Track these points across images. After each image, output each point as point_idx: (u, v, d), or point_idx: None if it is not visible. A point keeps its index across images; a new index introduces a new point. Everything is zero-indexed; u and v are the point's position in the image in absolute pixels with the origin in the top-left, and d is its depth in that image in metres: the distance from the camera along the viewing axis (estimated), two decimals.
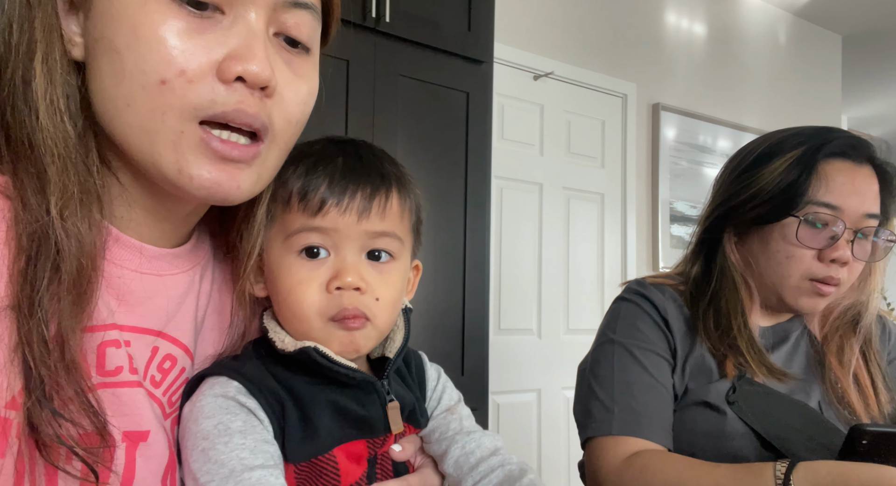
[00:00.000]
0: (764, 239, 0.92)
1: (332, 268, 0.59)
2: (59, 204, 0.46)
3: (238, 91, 0.49)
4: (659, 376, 0.91)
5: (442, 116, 1.71)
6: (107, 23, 0.47)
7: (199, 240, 0.64)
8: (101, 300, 0.51)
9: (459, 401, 0.72)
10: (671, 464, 0.82)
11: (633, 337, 0.94)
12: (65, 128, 0.48)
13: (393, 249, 0.62)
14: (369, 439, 0.63)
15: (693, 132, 3.23)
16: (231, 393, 0.56)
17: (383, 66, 1.60)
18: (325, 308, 0.59)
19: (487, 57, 1.78)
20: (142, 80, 0.47)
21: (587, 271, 2.84)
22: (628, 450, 0.86)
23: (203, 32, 0.48)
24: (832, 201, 0.87)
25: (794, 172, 0.89)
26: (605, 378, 0.92)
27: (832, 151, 0.89)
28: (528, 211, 2.67)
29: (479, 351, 1.74)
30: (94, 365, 0.52)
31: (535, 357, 2.65)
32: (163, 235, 0.58)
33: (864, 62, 4.22)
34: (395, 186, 0.62)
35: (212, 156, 0.49)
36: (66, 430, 0.45)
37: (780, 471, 0.73)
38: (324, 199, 0.58)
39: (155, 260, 0.57)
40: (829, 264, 0.87)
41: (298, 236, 0.59)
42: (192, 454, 0.54)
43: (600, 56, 2.91)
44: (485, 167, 1.77)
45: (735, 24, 3.47)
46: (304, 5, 0.53)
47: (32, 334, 0.44)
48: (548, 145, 2.73)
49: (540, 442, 2.65)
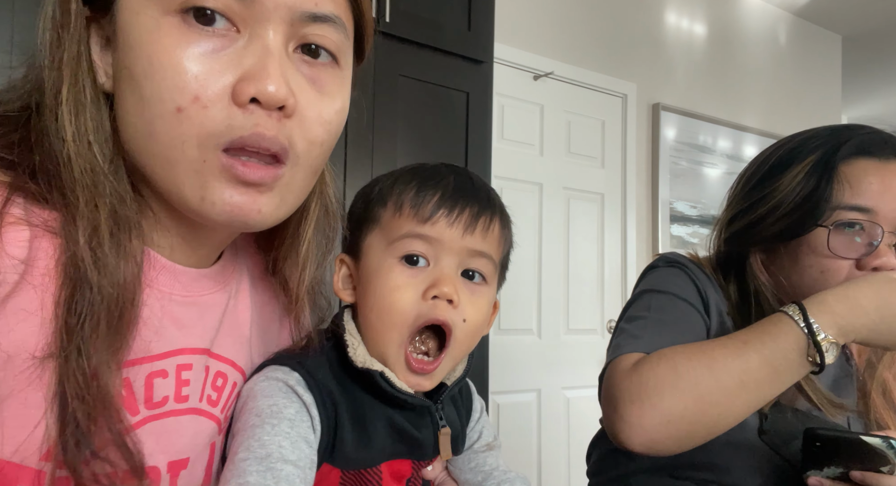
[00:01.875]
0: (793, 254, 0.83)
1: (430, 277, 0.60)
2: (86, 235, 0.45)
3: (255, 114, 0.47)
4: (696, 325, 0.83)
5: (442, 116, 1.71)
6: (126, 52, 0.47)
7: (230, 255, 0.63)
8: (153, 328, 0.51)
9: (496, 439, 0.74)
10: (692, 351, 0.72)
11: (672, 289, 0.86)
12: (93, 158, 0.47)
13: (487, 271, 0.64)
14: (416, 460, 0.64)
15: (693, 132, 3.23)
16: (291, 382, 0.58)
17: (383, 66, 1.60)
18: (417, 316, 0.60)
19: (487, 57, 1.77)
20: (160, 108, 0.46)
21: (587, 271, 2.84)
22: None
23: (217, 52, 0.46)
24: (863, 203, 0.79)
25: (812, 178, 0.81)
26: (637, 318, 0.83)
27: (851, 150, 0.81)
28: (528, 211, 2.67)
29: (479, 351, 1.73)
30: (142, 399, 0.51)
31: (535, 357, 2.65)
32: (200, 258, 0.58)
33: (864, 62, 4.22)
34: (499, 212, 0.65)
35: (233, 180, 0.48)
36: (103, 470, 0.45)
37: (795, 316, 0.70)
38: (436, 208, 0.60)
39: (197, 281, 0.57)
40: (871, 273, 0.78)
41: (403, 242, 0.61)
42: (242, 428, 0.55)
43: (600, 56, 2.90)
44: (485, 167, 1.77)
45: (735, 24, 3.47)
46: (325, 18, 0.50)
47: (72, 378, 0.44)
48: (548, 145, 2.73)
49: (540, 442, 2.65)
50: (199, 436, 0.56)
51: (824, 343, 0.68)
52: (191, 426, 0.55)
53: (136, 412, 0.51)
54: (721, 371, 0.70)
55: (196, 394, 0.56)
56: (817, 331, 0.69)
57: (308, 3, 0.49)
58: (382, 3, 1.55)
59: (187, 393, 0.55)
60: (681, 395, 0.69)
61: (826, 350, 0.68)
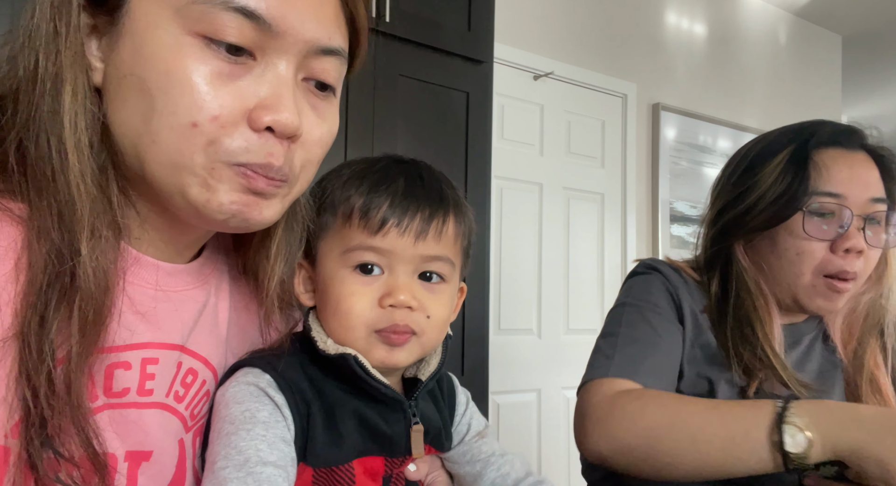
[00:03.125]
0: (772, 239, 0.89)
1: (384, 285, 0.60)
2: (68, 235, 0.46)
3: (268, 141, 0.49)
4: (666, 335, 0.88)
5: (442, 116, 1.71)
6: (137, 60, 0.47)
7: (210, 253, 0.64)
8: (121, 321, 0.51)
9: (487, 426, 0.74)
10: (666, 399, 0.78)
11: (645, 300, 0.92)
12: (83, 157, 0.47)
13: (444, 272, 0.63)
14: (388, 457, 0.63)
15: (693, 132, 3.23)
16: (262, 384, 0.58)
17: (383, 66, 1.60)
18: (375, 321, 0.60)
19: (487, 57, 1.77)
20: (171, 121, 0.46)
21: (587, 271, 2.84)
22: (622, 388, 0.82)
23: (235, 79, 0.48)
24: (833, 190, 0.85)
25: (790, 169, 0.87)
26: (611, 334, 0.90)
27: (822, 140, 0.88)
28: (528, 211, 2.67)
29: (479, 351, 1.74)
30: (101, 386, 0.52)
31: (535, 357, 2.65)
32: (176, 253, 0.58)
33: (864, 62, 4.22)
34: (452, 209, 0.63)
35: (240, 187, 0.50)
36: (64, 466, 0.45)
37: (779, 402, 0.71)
38: (384, 218, 0.59)
39: (172, 276, 0.58)
40: (844, 255, 0.84)
41: (355, 253, 0.60)
42: (217, 437, 0.55)
43: (600, 56, 2.90)
44: (485, 167, 1.77)
45: (735, 24, 3.47)
46: (334, 52, 0.53)
47: (36, 364, 0.44)
48: (548, 145, 2.73)
49: (540, 442, 2.65)
50: (165, 431, 0.56)
51: (790, 427, 0.68)
52: (155, 420, 0.55)
53: (94, 399, 0.51)
54: (680, 423, 0.74)
55: (162, 389, 0.56)
56: (789, 414, 0.69)
57: (324, 38, 0.52)
58: (382, 3, 1.55)
59: (151, 387, 0.55)
60: (635, 434, 0.75)
61: (791, 435, 0.68)
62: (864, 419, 0.68)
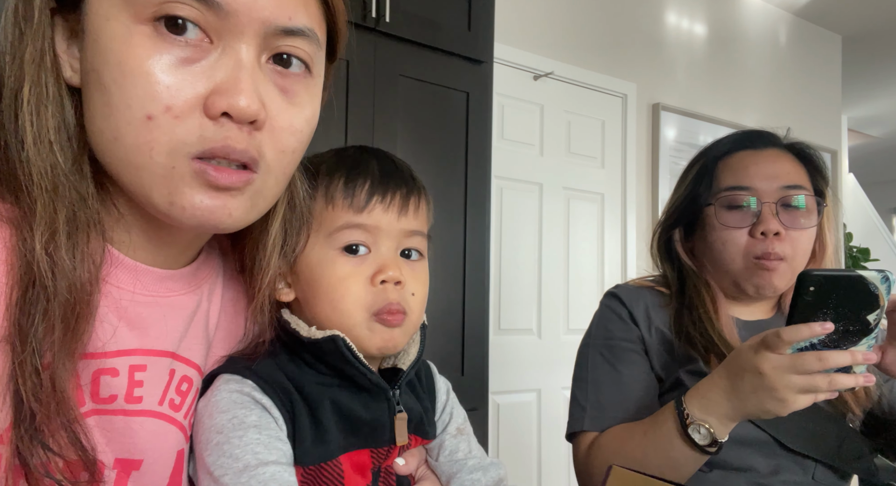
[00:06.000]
0: (702, 234, 1.01)
1: (373, 264, 0.63)
2: (43, 239, 0.45)
3: (225, 127, 0.47)
4: (625, 368, 0.98)
5: (442, 116, 1.71)
6: (95, 55, 0.46)
7: (206, 258, 0.63)
8: (107, 327, 0.51)
9: (466, 420, 0.75)
10: (617, 442, 0.90)
11: (603, 337, 1.03)
12: (53, 158, 0.46)
13: (422, 247, 0.67)
14: (373, 449, 0.63)
15: (693, 132, 3.23)
16: (246, 390, 0.58)
17: (383, 66, 1.60)
18: (371, 303, 0.62)
19: (487, 57, 1.77)
20: (127, 115, 0.45)
21: (587, 271, 2.84)
22: (592, 441, 0.94)
23: (190, 64, 0.46)
24: (739, 183, 0.96)
25: (699, 176, 1.01)
26: (580, 380, 1.02)
27: (724, 149, 1.01)
28: (528, 211, 2.67)
29: (479, 351, 1.74)
30: (88, 391, 0.51)
31: (535, 357, 2.65)
32: (167, 258, 0.57)
33: (864, 62, 4.22)
34: (422, 188, 0.68)
35: (204, 185, 0.48)
36: (55, 462, 0.45)
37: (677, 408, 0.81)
38: (369, 195, 0.62)
39: (162, 282, 0.56)
40: (762, 238, 0.93)
41: (342, 233, 0.62)
42: (206, 448, 0.55)
43: (600, 56, 2.90)
44: (485, 167, 1.77)
45: (735, 24, 3.47)
46: (299, 32, 0.50)
47: (26, 366, 0.44)
48: (548, 145, 2.73)
49: (540, 442, 2.65)
50: (159, 440, 0.55)
51: (691, 427, 0.79)
52: (146, 428, 0.54)
53: (82, 404, 0.50)
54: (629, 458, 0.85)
55: (154, 397, 0.55)
56: (687, 418, 0.79)
57: (282, 17, 0.49)
58: (382, 3, 1.55)
59: (140, 394, 0.54)
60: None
61: (696, 432, 0.78)
62: (724, 388, 0.77)
